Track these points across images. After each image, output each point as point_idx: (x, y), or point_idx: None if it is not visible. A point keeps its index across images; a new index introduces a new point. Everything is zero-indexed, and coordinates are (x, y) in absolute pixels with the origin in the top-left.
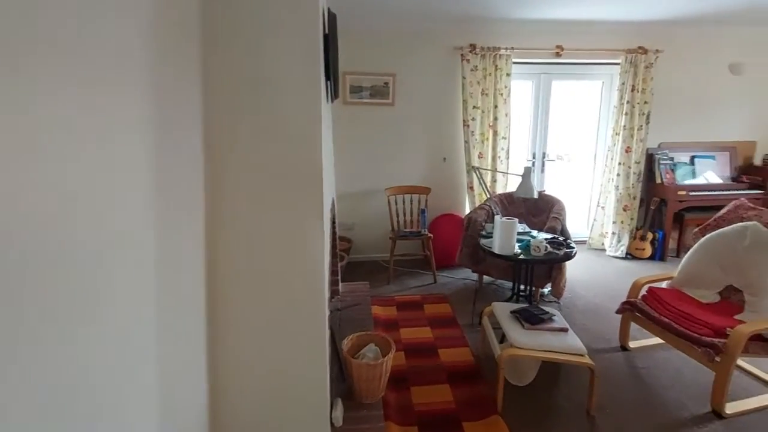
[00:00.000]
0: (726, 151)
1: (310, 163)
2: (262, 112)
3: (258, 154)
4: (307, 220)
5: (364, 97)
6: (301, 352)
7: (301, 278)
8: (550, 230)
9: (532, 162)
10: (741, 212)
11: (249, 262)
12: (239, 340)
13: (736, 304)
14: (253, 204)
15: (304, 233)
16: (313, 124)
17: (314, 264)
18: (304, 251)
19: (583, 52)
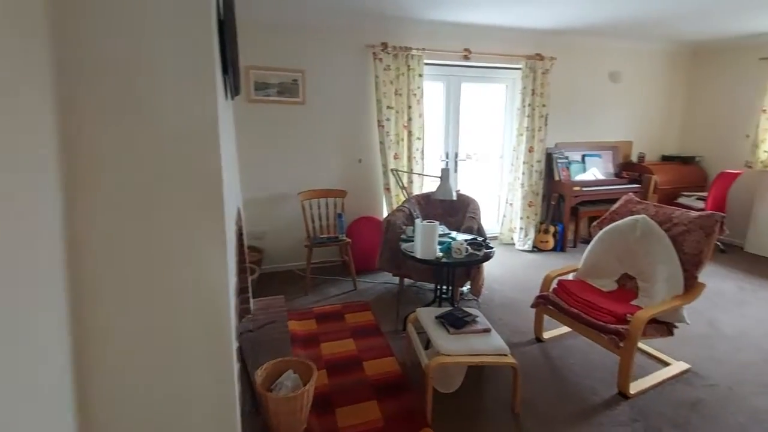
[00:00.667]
0: (609, 150)
1: (208, 167)
2: (138, 107)
3: (137, 157)
4: (205, 233)
5: (271, 94)
6: (202, 390)
7: (198, 303)
8: (467, 230)
9: (446, 162)
10: (630, 206)
11: (128, 287)
12: (118, 381)
13: (631, 291)
14: (136, 219)
15: (201, 249)
16: (209, 123)
17: (215, 286)
18: (202, 271)
19: (488, 56)
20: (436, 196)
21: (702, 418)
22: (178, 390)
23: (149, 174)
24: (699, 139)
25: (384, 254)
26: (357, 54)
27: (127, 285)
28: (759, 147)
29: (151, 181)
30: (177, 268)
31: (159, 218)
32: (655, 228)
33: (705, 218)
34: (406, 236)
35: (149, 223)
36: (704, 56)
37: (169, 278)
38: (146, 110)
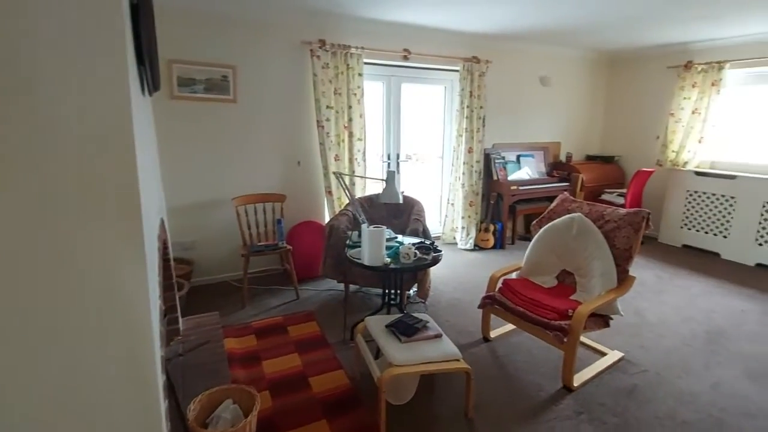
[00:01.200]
0: (541, 150)
1: (121, 172)
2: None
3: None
4: (119, 252)
5: (197, 91)
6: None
7: (113, 334)
8: (413, 232)
9: (388, 163)
10: (566, 205)
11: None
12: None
13: (570, 286)
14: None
15: (116, 270)
16: (121, 121)
17: (134, 312)
18: (117, 296)
19: (427, 57)
20: (383, 199)
21: (637, 404)
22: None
23: (43, 183)
24: (617, 140)
25: (328, 261)
26: (293, 50)
27: (22, 318)
28: (668, 147)
29: (47, 191)
30: (85, 295)
31: (60, 237)
32: (589, 225)
33: (633, 215)
34: (351, 242)
35: (48, 243)
36: (620, 64)
37: (76, 308)
38: (37, 102)
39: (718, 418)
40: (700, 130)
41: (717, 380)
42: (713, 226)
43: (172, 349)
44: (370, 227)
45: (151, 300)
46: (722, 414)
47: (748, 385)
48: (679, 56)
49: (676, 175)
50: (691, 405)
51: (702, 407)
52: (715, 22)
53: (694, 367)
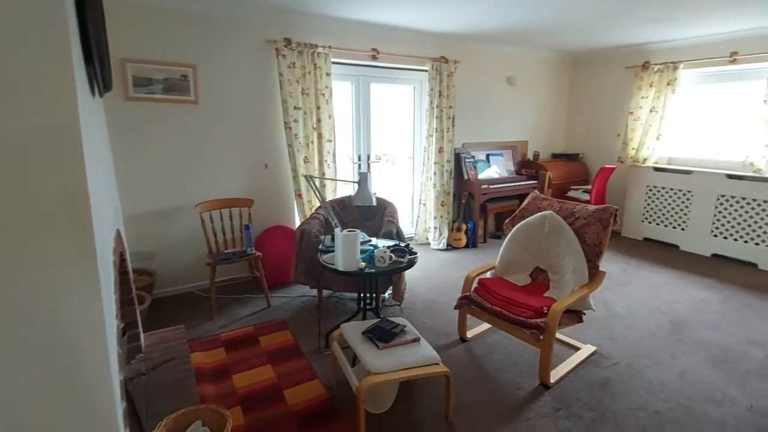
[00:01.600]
0: (509, 149)
1: (68, 181)
2: None
3: None
4: (68, 270)
5: (155, 92)
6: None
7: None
8: (386, 235)
9: (358, 164)
10: (538, 203)
11: None
12: None
13: (543, 283)
14: None
15: (64, 291)
16: (67, 125)
17: (86, 335)
18: (65, 318)
19: (396, 56)
20: (356, 202)
21: (611, 397)
22: None
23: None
24: (581, 138)
25: (299, 266)
26: (257, 49)
27: None
28: (628, 144)
29: None
30: (28, 321)
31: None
32: (561, 223)
33: (601, 212)
34: (324, 246)
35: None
36: (582, 64)
37: (17, 335)
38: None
39: (687, 406)
40: (657, 128)
41: (683, 369)
42: (672, 219)
43: (133, 368)
44: (343, 231)
45: (106, 321)
46: (690, 402)
47: (712, 371)
48: (637, 57)
49: (636, 171)
50: (661, 394)
51: (671, 396)
52: (670, 23)
53: (661, 357)
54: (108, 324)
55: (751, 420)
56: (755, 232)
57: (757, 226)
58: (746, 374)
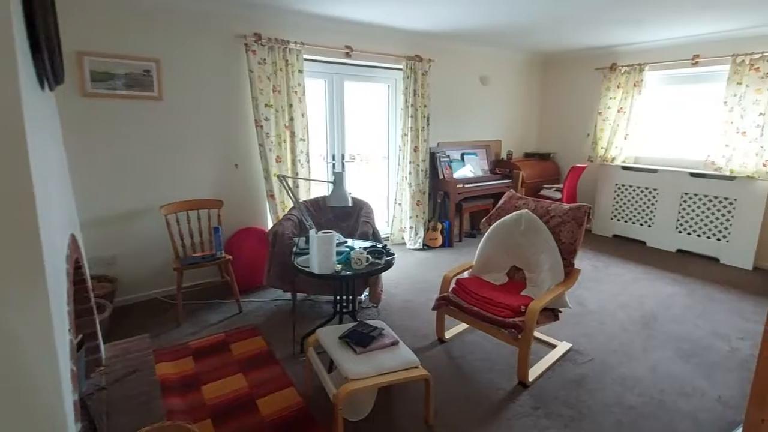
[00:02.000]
0: (483, 148)
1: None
2: None
3: None
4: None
5: (117, 87)
6: None
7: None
8: (362, 236)
9: (333, 164)
10: (514, 202)
11: None
12: None
13: (520, 282)
14: None
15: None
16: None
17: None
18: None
19: (370, 54)
20: (331, 203)
21: (588, 394)
22: None
23: None
24: (552, 138)
25: (272, 269)
26: (226, 44)
27: None
28: (597, 144)
29: None
30: None
31: None
32: (537, 221)
33: (576, 210)
34: (298, 249)
35: None
36: (553, 66)
37: None
38: None
39: (660, 399)
40: (625, 128)
41: (655, 363)
42: (639, 216)
43: (92, 383)
44: (318, 233)
45: (56, 337)
46: (662, 395)
47: (681, 365)
48: (605, 59)
49: (605, 170)
50: (636, 389)
51: (645, 390)
52: (636, 25)
53: (634, 352)
54: (59, 340)
55: (721, 411)
56: (717, 228)
57: (718, 222)
58: (713, 366)
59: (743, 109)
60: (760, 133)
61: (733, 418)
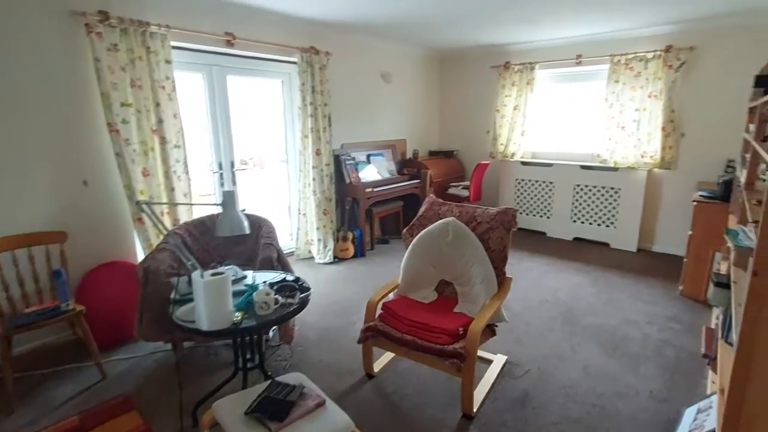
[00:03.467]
0: (389, 148)
1: None
2: None
3: None
4: None
5: None
6: None
7: None
8: (265, 263)
9: (220, 173)
10: (436, 208)
11: None
12: None
13: (451, 297)
14: None
15: None
16: None
17: None
18: None
19: (257, 44)
20: (222, 232)
21: (534, 413)
22: None
23: None
24: (454, 135)
25: (146, 316)
26: (58, 24)
27: None
28: (497, 140)
29: None
30: None
31: None
32: (465, 230)
33: (503, 214)
34: (179, 294)
35: None
36: (451, 63)
37: None
38: None
39: (601, 406)
40: (521, 125)
41: (585, 362)
42: (539, 209)
43: None
44: (205, 274)
45: None
46: (601, 400)
47: (608, 361)
48: (499, 57)
49: (506, 166)
50: (576, 397)
51: (585, 397)
52: (531, 25)
53: (564, 353)
54: None
55: (656, 408)
56: (606, 216)
57: (606, 211)
58: (635, 358)
59: (621, 105)
60: (636, 127)
61: (668, 415)
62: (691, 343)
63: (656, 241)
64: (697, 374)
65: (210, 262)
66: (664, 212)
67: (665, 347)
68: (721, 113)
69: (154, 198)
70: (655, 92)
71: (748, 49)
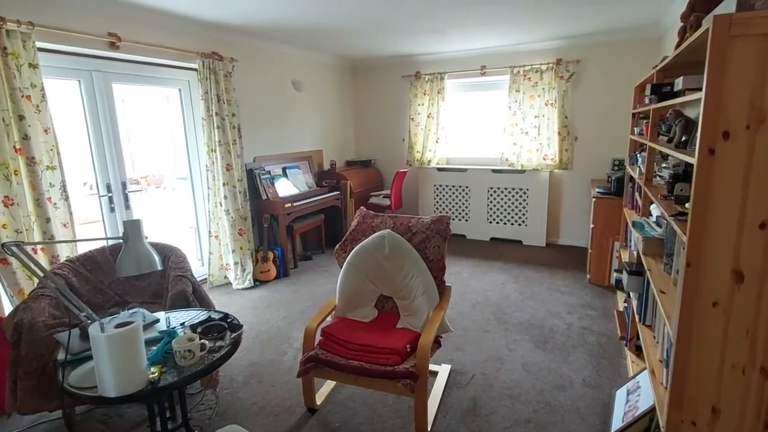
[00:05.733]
0: (305, 160)
1: None
2: None
3: None
4: None
5: None
6: None
7: None
8: (178, 299)
9: (108, 197)
10: (369, 221)
11: None
12: None
13: (392, 313)
14: None
15: None
16: None
17: None
18: None
19: (148, 47)
20: (126, 272)
21: (486, 421)
22: None
23: None
24: (370, 144)
25: (22, 385)
26: None
27: None
28: (413, 148)
29: None
30: None
31: None
32: (402, 241)
33: (437, 222)
34: (70, 355)
35: None
36: (363, 72)
37: None
38: None
39: (545, 402)
40: (435, 132)
41: (523, 359)
42: (457, 212)
43: None
44: (106, 326)
45: None
46: (544, 395)
47: (542, 355)
48: (410, 67)
49: (423, 173)
50: (522, 397)
51: (530, 395)
52: (441, 36)
53: (503, 354)
54: None
55: (591, 394)
56: (517, 215)
57: (517, 210)
58: (564, 349)
59: (523, 112)
60: (537, 132)
61: (602, 399)
62: (607, 328)
63: (561, 235)
64: (618, 356)
65: (106, 304)
66: (566, 208)
67: (587, 334)
68: (606, 118)
69: (21, 231)
70: (550, 100)
71: (626, 61)
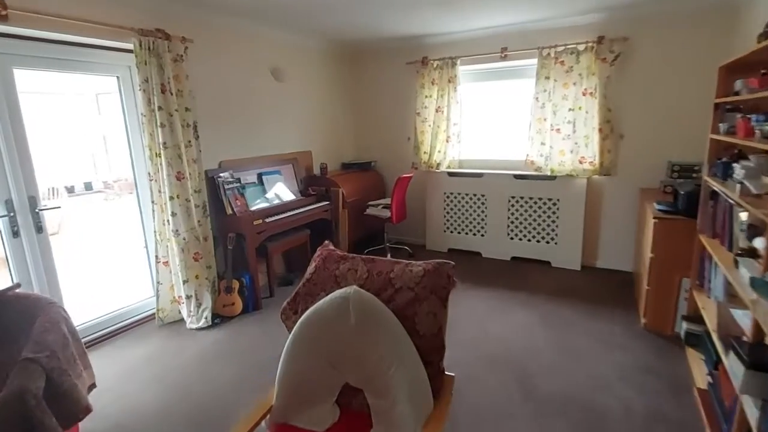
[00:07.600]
0: (288, 163)
1: None
2: None
3: None
4: None
5: None
6: None
7: None
8: (7, 406)
9: (8, 217)
10: (332, 267)
11: None
12: None
13: (362, 413)
14: None
15: None
16: None
17: None
18: None
19: (54, 20)
20: None
21: None
22: None
23: None
24: (371, 144)
25: None
26: None
27: None
28: (419, 149)
29: None
30: None
31: None
32: (373, 306)
33: (434, 275)
34: None
35: None
36: (362, 59)
37: None
38: None
39: None
40: (445, 129)
41: None
42: (471, 226)
43: None
44: None
45: None
46: None
47: None
48: (416, 52)
49: (432, 178)
50: None
51: None
52: (450, 11)
53: None
54: None
55: None
56: (545, 231)
57: (545, 225)
58: None
59: (554, 105)
60: (572, 129)
61: None
62: (684, 414)
63: (600, 256)
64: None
65: None
66: (606, 224)
67: (657, 426)
68: (663, 111)
69: None
70: (589, 89)
71: (689, 37)
